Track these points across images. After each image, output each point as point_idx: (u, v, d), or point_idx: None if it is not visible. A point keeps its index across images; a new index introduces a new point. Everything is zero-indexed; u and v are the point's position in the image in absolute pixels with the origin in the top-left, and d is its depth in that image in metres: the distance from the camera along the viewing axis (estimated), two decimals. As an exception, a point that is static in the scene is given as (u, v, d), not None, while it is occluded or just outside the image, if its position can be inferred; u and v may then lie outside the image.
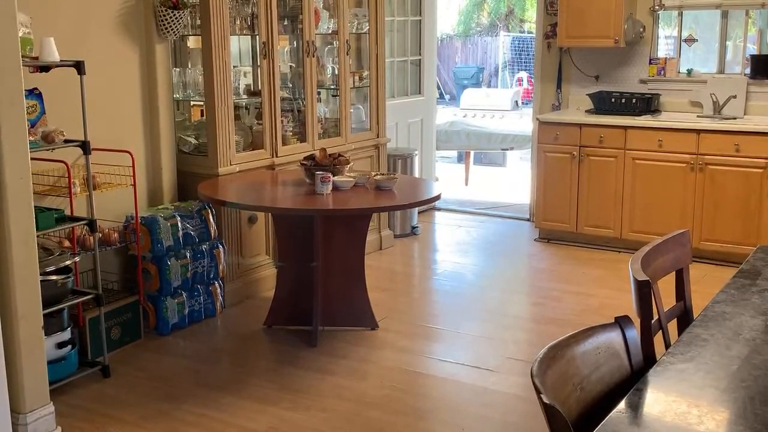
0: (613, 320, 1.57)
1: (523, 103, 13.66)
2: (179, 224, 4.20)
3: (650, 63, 5.96)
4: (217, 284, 4.43)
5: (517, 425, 3.32)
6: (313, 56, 5.07)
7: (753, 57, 5.66)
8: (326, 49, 5.43)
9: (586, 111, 5.98)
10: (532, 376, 1.31)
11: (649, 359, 1.59)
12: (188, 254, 4.25)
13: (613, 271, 5.33)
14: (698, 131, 5.33)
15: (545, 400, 1.23)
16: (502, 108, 12.14)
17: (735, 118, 5.54)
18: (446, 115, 10.81)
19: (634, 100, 5.81)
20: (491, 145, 8.45)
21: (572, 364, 1.42)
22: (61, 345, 3.52)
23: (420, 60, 6.85)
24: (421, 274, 5.72)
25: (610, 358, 1.48)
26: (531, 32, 17.88)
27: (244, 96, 4.92)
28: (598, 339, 1.49)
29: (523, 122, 10.19)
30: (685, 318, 2.06)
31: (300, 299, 4.19)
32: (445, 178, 8.14)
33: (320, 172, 3.93)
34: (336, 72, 5.42)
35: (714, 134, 5.29)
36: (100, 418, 3.33)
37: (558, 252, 5.82)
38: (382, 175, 4.20)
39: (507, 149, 8.50)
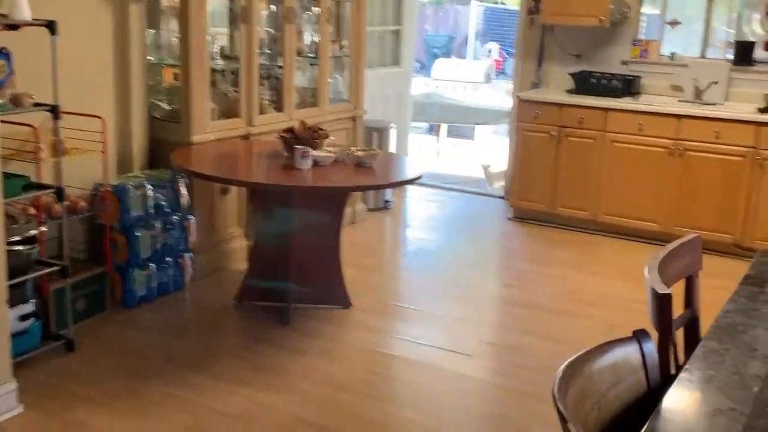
0: (630, 334, 1.49)
1: (498, 73, 13.56)
2: (150, 194, 4.04)
3: (633, 44, 5.89)
4: (186, 257, 4.29)
5: (495, 416, 3.26)
6: (293, 23, 4.89)
7: (737, 43, 5.62)
8: (304, 15, 5.25)
9: (566, 90, 5.90)
10: (554, 399, 1.23)
11: (667, 375, 1.52)
12: (158, 225, 4.10)
13: (588, 254, 5.30)
14: (679, 116, 5.29)
15: (572, 430, 1.15)
16: (475, 80, 12.03)
17: (715, 104, 5.50)
18: (418, 85, 10.67)
19: (615, 82, 5.74)
20: (466, 119, 8.35)
21: (591, 381, 1.34)
22: (23, 318, 3.37)
23: (399, 30, 6.69)
24: (394, 250, 5.63)
25: (628, 374, 1.41)
26: (503, 3, 17.73)
27: (220, 60, 4.73)
28: (615, 354, 1.41)
29: (497, 96, 10.12)
30: (692, 326, 1.99)
31: (273, 275, 4.07)
32: (416, 149, 8.03)
33: (300, 147, 3.80)
34: (315, 40, 5.25)
35: (695, 120, 5.25)
36: (64, 396, 3.20)
37: (532, 232, 5.77)
38: (363, 150, 4.07)
39: (481, 124, 8.41)
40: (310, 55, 5.29)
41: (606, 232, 5.63)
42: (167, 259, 4.19)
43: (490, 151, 8.17)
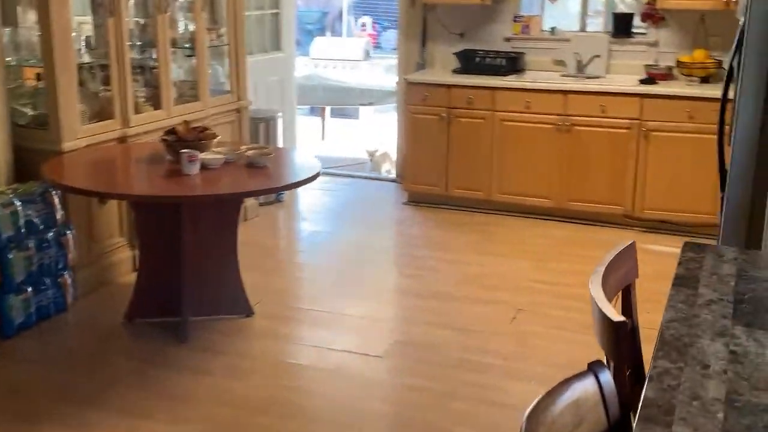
0: (586, 368, 1.39)
1: (374, 48, 13.39)
2: (20, 211, 3.67)
3: (515, 21, 5.87)
4: (66, 275, 3.94)
5: (413, 420, 3.15)
6: (166, 12, 4.55)
7: (615, 15, 5.68)
8: (177, 3, 4.91)
9: (452, 70, 5.82)
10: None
11: (626, 407, 1.42)
12: (32, 244, 3.73)
13: (486, 235, 5.27)
14: (565, 92, 5.31)
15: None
16: (354, 58, 11.84)
17: (598, 77, 5.57)
18: (297, 66, 10.38)
19: (499, 60, 5.70)
20: (350, 100, 8.18)
21: (554, 427, 1.22)
22: None
23: (278, 13, 6.41)
24: (291, 247, 5.42)
25: (588, 412, 1.30)
26: (375, -24, 17.54)
27: (87, 56, 4.34)
28: (574, 392, 1.30)
29: (377, 74, 9.98)
30: (632, 337, 1.91)
31: (165, 288, 3.80)
32: (302, 133, 7.80)
33: (186, 150, 3.52)
34: (190, 29, 4.92)
35: (580, 95, 5.29)
36: (-61, 450, 2.86)
37: (429, 216, 5.69)
38: (255, 149, 3.83)
39: (366, 104, 8.26)
40: (185, 45, 4.96)
41: (501, 211, 5.63)
42: (45, 280, 3.83)
43: (375, 133, 8.04)
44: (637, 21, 5.63)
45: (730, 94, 3.27)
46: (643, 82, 5.31)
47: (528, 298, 4.26)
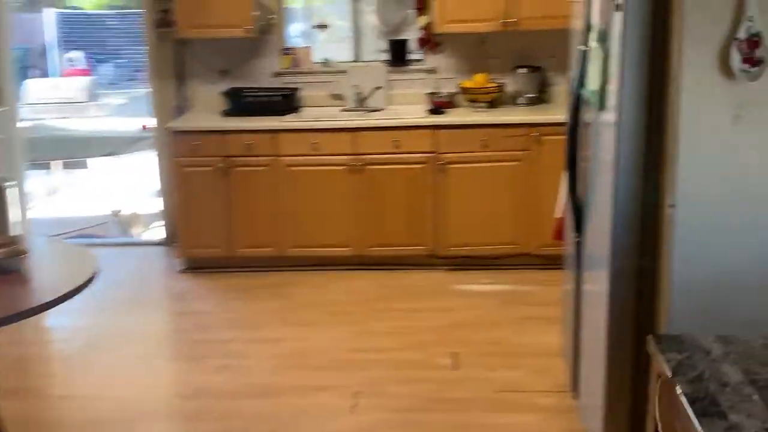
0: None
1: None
2: None
3: (284, 53, 5.28)
4: None
5: None
6: None
7: (390, 43, 5.31)
8: None
9: (222, 113, 5.09)
10: None
11: None
12: None
13: (287, 299, 4.61)
14: (354, 129, 4.82)
15: None
16: (77, 100, 10.51)
17: (380, 110, 5.16)
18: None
19: (274, 98, 5.08)
20: (90, 152, 7.05)
21: None
22: None
23: (-9, 59, 5.23)
24: (47, 352, 4.29)
25: None
26: (79, 7, 16.00)
27: None
28: None
29: (107, 117, 8.87)
30: None
31: None
32: (33, 195, 6.56)
33: None
34: None
35: (371, 131, 4.82)
36: None
37: (214, 284, 4.89)
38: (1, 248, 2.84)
39: (107, 155, 7.19)
40: None
41: (297, 267, 4.99)
42: None
43: (112, 185, 6.99)
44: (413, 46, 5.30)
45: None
46: (432, 112, 4.97)
47: (360, 374, 3.67)
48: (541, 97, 5.18)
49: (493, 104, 5.06)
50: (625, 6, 2.35)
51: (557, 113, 4.81)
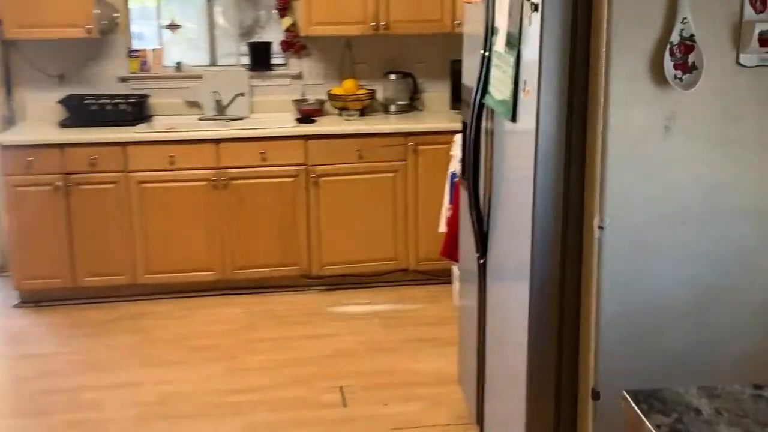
0: None
1: None
2: None
3: (130, 56, 4.73)
4: None
5: None
6: None
7: (251, 46, 4.88)
8: None
9: (59, 123, 4.47)
10: None
11: None
12: None
13: (144, 334, 4.08)
14: (216, 141, 4.36)
15: None
16: None
17: (242, 118, 4.73)
18: None
19: (122, 106, 4.52)
20: None
21: None
22: None
23: None
24: None
25: None
26: None
27: None
28: None
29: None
30: None
31: None
32: None
33: None
34: None
35: (235, 142, 4.38)
36: None
37: (56, 320, 4.26)
38: None
39: None
40: None
41: (153, 296, 4.46)
42: None
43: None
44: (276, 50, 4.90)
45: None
46: (300, 121, 4.59)
47: (238, 421, 3.25)
48: (413, 104, 4.93)
49: (364, 112, 4.76)
50: (542, 6, 2.09)
51: (432, 121, 4.60)
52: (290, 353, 3.84)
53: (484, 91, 2.58)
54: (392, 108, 4.86)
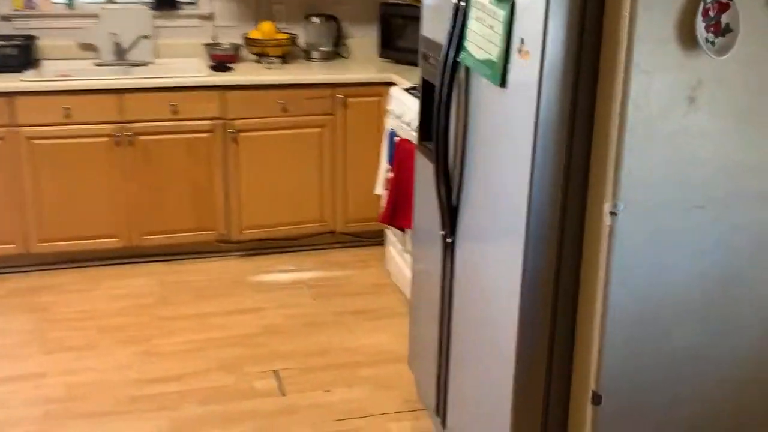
0: None
1: None
2: None
3: (12, -11, 4.08)
4: None
5: None
6: None
7: (155, -18, 4.31)
8: None
9: (-72, 68, 3.81)
10: None
11: None
12: None
13: (42, 312, 3.59)
14: (120, 91, 3.82)
15: None
16: None
17: (146, 64, 4.20)
18: None
19: (5, 49, 3.89)
20: None
21: None
22: None
23: None
24: None
25: None
26: None
27: None
28: None
29: None
30: None
31: None
32: None
33: None
34: None
35: (141, 93, 3.85)
36: None
37: (-65, 297, 3.70)
38: None
39: None
40: None
41: (50, 266, 3.96)
42: None
43: None
44: (182, -13, 4.35)
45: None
46: (215, 68, 4.10)
47: (160, 418, 2.86)
48: (337, 51, 4.51)
49: (285, 59, 4.31)
50: (550, -50, 1.75)
51: (361, 71, 4.22)
52: (212, 332, 3.45)
53: (458, 46, 2.23)
54: (315, 55, 4.43)
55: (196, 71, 4.03)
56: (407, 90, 3.62)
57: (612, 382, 1.92)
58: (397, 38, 4.38)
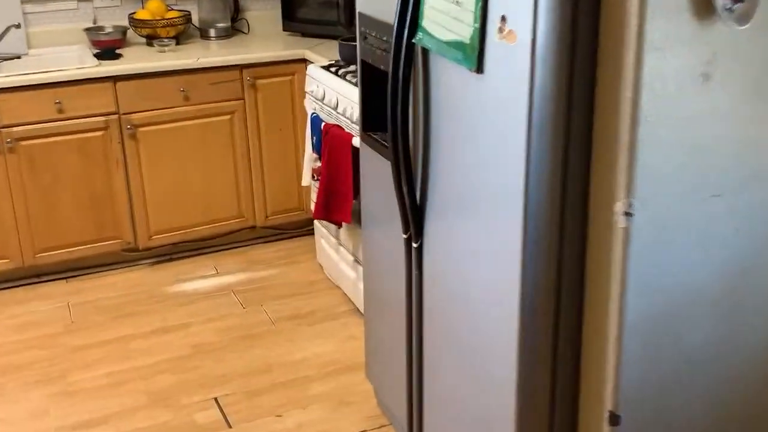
0: None
1: None
2: None
3: None
4: None
5: None
6: None
7: (19, -39, 3.74)
8: None
9: None
10: None
11: None
12: None
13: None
14: (-8, 92, 3.30)
15: None
16: None
17: (20, 57, 3.68)
18: None
19: None
20: None
21: None
22: None
23: None
24: None
25: None
26: None
27: None
28: None
29: None
30: None
31: None
32: None
33: None
34: None
35: (19, 92, 3.34)
36: None
37: None
38: None
39: None
40: None
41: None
42: None
43: None
44: (51, -35, 3.81)
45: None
46: (101, 57, 3.61)
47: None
48: (236, 27, 4.10)
49: (179, 40, 3.86)
50: None
51: (266, 49, 3.83)
52: (136, 359, 3.06)
53: (415, 25, 1.91)
54: (212, 33, 4.00)
55: (80, 61, 3.53)
56: (327, 68, 3.28)
57: (632, 397, 1.70)
58: (300, 9, 4.00)
